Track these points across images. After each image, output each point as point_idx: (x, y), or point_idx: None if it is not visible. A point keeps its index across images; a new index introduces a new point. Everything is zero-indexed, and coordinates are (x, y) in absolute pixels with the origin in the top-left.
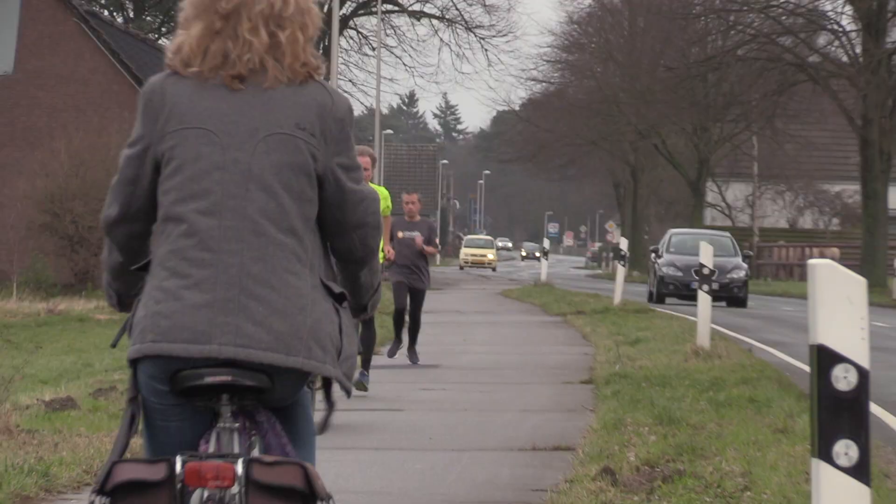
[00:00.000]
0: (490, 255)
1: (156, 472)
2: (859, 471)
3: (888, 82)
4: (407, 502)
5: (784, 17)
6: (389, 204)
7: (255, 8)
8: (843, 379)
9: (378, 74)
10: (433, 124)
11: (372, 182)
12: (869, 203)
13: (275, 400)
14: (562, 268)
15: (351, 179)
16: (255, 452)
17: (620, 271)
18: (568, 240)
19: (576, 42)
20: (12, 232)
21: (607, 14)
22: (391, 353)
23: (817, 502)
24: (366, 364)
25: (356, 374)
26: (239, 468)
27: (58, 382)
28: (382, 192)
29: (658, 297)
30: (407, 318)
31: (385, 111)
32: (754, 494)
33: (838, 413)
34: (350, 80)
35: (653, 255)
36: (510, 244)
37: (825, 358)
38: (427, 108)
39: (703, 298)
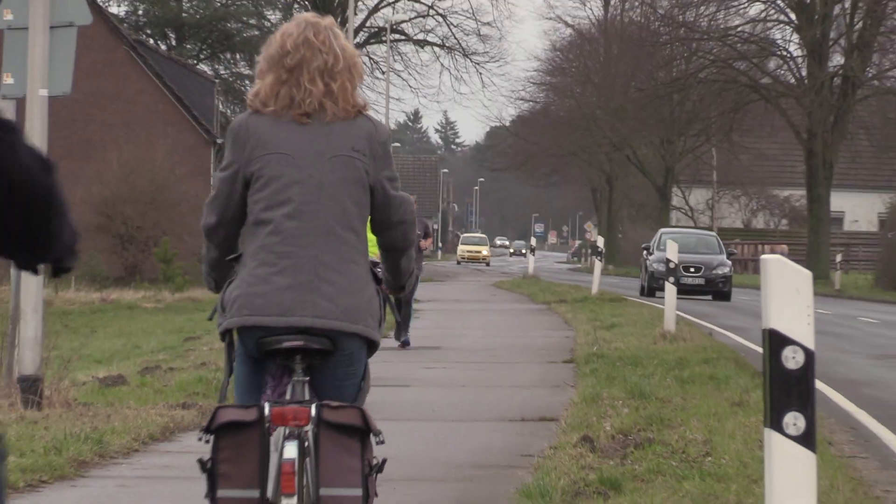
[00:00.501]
0: (484, 251)
1: (249, 415)
2: (806, 439)
3: (830, 101)
4: (413, 466)
5: (739, 45)
6: None
7: (313, 64)
8: (792, 359)
9: (387, 95)
10: (435, 138)
11: None
12: (813, 206)
13: (339, 363)
14: (546, 262)
15: (393, 188)
16: None
17: (597, 266)
18: (552, 238)
19: (558, 67)
20: None
21: (585, 42)
22: (398, 337)
23: (769, 467)
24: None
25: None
26: (312, 411)
27: (110, 362)
28: None
29: (649, 291)
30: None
31: (393, 127)
32: (714, 459)
33: (787, 389)
34: None
35: (644, 252)
36: (507, 241)
37: (776, 340)
38: (430, 123)
39: (670, 289)
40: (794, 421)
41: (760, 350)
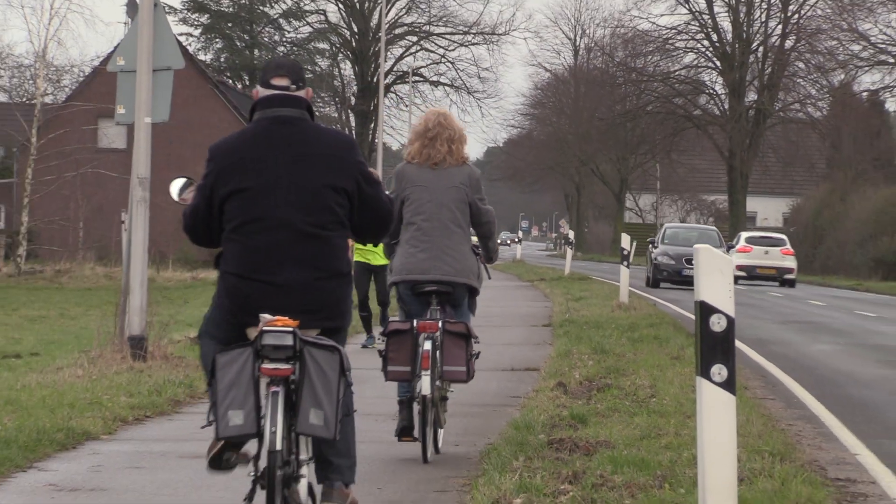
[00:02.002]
0: None
1: (406, 326)
2: (728, 385)
3: (746, 128)
4: None
5: (677, 85)
6: None
7: (443, 136)
8: (717, 323)
9: (409, 123)
10: None
11: None
12: (733, 208)
13: (455, 299)
14: (530, 250)
15: (483, 203)
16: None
17: (569, 253)
18: (535, 232)
19: (539, 101)
20: (170, 225)
21: (560, 83)
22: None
23: (700, 406)
24: (382, 321)
25: (364, 340)
26: (439, 324)
27: (199, 324)
28: None
29: (654, 283)
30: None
31: None
32: (658, 400)
33: (714, 346)
34: (391, 127)
35: (650, 245)
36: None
37: (705, 309)
38: None
39: (624, 272)
40: (718, 371)
41: (693, 317)
